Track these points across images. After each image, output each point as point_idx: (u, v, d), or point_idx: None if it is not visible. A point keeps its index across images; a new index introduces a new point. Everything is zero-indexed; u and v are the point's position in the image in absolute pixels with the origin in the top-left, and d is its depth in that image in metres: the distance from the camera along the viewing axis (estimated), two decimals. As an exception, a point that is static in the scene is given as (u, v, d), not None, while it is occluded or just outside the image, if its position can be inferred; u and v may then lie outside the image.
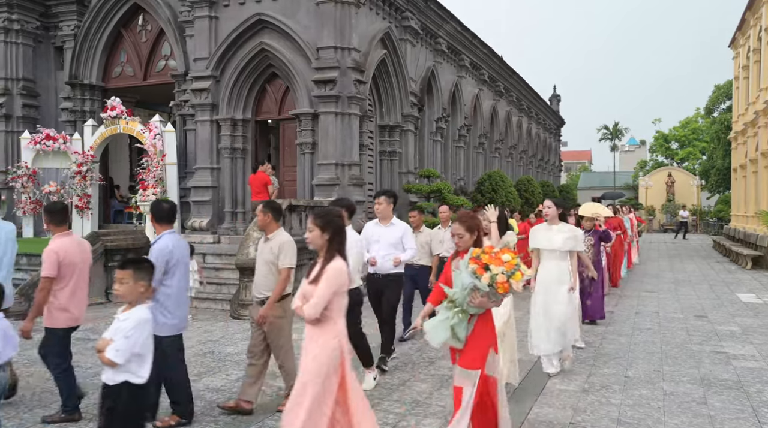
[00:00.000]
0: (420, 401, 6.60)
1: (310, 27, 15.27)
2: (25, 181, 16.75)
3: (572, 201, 35.59)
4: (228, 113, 16.11)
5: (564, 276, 7.51)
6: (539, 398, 6.74)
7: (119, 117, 16.27)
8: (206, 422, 5.98)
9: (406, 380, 7.43)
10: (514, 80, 32.45)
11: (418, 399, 6.66)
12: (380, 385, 7.16)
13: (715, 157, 42.23)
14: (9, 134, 18.66)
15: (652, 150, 67.92)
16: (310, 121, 15.37)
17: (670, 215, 53.04)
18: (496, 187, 21.86)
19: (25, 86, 18.78)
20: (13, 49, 18.62)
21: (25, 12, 18.57)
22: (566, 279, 7.50)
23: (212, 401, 6.59)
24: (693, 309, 12.80)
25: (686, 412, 6.33)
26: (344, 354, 4.35)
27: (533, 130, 38.32)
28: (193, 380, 6.45)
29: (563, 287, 7.48)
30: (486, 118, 27.81)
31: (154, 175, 15.44)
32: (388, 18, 17.61)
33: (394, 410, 6.34)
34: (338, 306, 4.36)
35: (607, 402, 6.61)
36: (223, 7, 16.09)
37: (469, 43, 24.63)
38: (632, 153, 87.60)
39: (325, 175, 15.09)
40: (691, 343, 9.54)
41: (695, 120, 62.42)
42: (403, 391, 6.98)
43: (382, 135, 18.12)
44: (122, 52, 18.48)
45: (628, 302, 13.61)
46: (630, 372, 7.84)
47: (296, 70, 15.36)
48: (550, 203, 7.66)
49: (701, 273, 19.46)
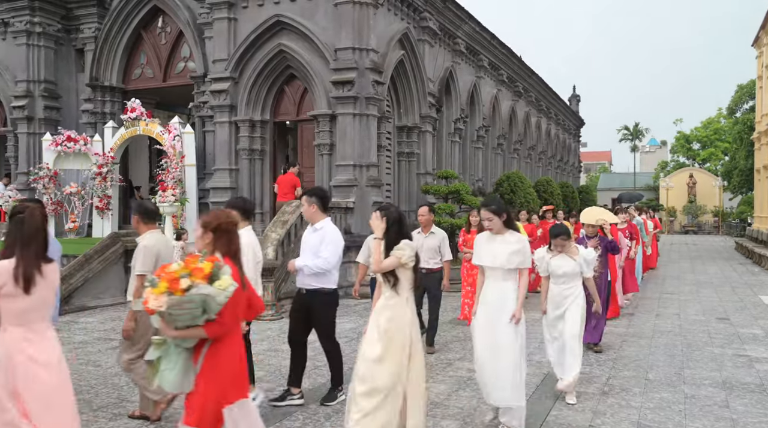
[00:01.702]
0: (438, 402, 6.56)
1: (328, 28, 15.29)
2: (47, 182, 16.90)
3: (592, 202, 35.30)
4: (246, 114, 16.18)
5: (509, 303, 5.77)
6: (558, 400, 6.68)
7: (139, 118, 16.37)
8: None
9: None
10: (533, 80, 32.29)
11: (435, 400, 6.62)
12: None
13: (738, 157, 41.73)
14: (31, 136, 18.88)
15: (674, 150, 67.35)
16: (328, 122, 15.38)
17: (691, 216, 52.53)
18: (515, 188, 21.73)
19: (46, 88, 18.98)
20: (35, 51, 18.84)
21: (46, 15, 18.77)
22: (511, 305, 5.75)
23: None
24: (715, 311, 12.64)
25: (708, 416, 6.24)
26: None
27: (552, 130, 38.11)
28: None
29: (505, 317, 5.72)
30: (505, 118, 27.69)
31: (173, 177, 15.50)
32: (406, 19, 17.58)
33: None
34: None
35: (627, 405, 6.53)
36: (241, 9, 16.17)
37: (487, 43, 24.54)
38: (653, 153, 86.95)
39: (343, 176, 15.09)
40: (713, 346, 9.42)
41: (717, 120, 61.79)
42: (421, 393, 6.94)
43: (400, 136, 18.09)
44: (142, 54, 18.63)
45: (648, 304, 13.47)
46: (650, 374, 7.75)
47: (314, 71, 15.38)
48: (489, 215, 5.82)
49: (723, 275, 19.22)
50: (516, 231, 6.02)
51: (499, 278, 5.85)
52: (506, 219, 5.90)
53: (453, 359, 8.44)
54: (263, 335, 9.96)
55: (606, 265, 9.32)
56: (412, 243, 5.21)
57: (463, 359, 8.45)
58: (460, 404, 6.53)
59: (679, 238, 42.62)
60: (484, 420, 5.99)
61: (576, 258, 6.93)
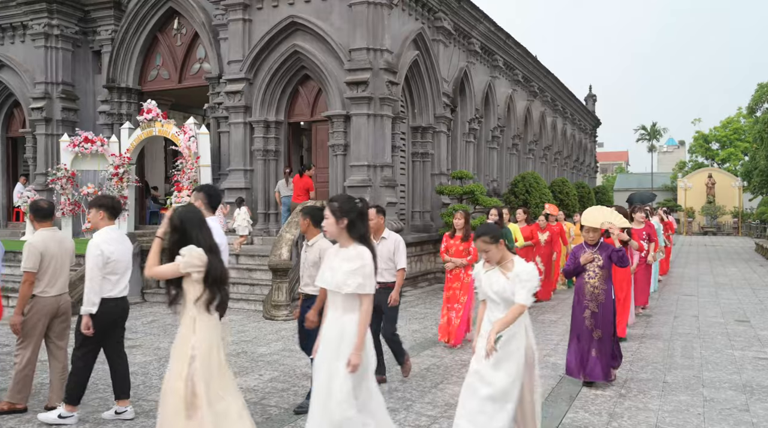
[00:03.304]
0: (453, 404, 6.50)
1: (342, 29, 15.28)
2: (64, 183, 17.05)
3: (608, 203, 35.05)
4: (261, 115, 16.21)
5: (347, 340, 4.36)
6: (574, 402, 6.61)
7: (155, 119, 16.47)
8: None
9: (439, 382, 7.35)
10: (548, 80, 32.13)
11: (450, 401, 6.57)
12: (413, 387, 7.09)
13: (758, 157, 41.17)
14: (49, 137, 19.06)
15: (692, 150, 66.84)
16: (343, 122, 15.37)
17: (710, 217, 52.05)
18: (530, 189, 21.61)
19: (64, 90, 19.15)
20: (53, 53, 19.01)
21: (64, 17, 18.94)
22: (348, 344, 4.34)
23: (246, 401, 6.57)
24: (734, 313, 12.48)
25: (727, 419, 6.14)
26: None
27: (568, 130, 37.90)
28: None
29: (341, 361, 4.32)
30: (520, 118, 27.56)
31: (189, 177, 15.57)
32: (420, 19, 17.54)
33: (427, 412, 6.27)
34: None
35: (644, 408, 6.45)
36: (256, 11, 16.20)
37: (503, 43, 24.44)
38: (671, 154, 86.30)
39: (357, 176, 15.07)
40: (733, 348, 9.29)
41: (737, 120, 61.20)
42: (436, 394, 6.91)
43: (414, 136, 18.04)
44: (158, 56, 18.73)
45: (666, 306, 13.33)
46: (668, 377, 7.65)
47: (329, 72, 15.38)
48: (327, 213, 4.53)
49: (743, 277, 19.00)
50: (359, 244, 4.48)
51: (339, 305, 4.45)
52: (349, 223, 4.47)
53: (467, 361, 8.37)
54: (278, 335, 9.97)
55: (609, 280, 7.25)
56: (199, 250, 4.38)
57: (478, 360, 8.39)
58: (474, 406, 6.46)
59: (697, 239, 42.24)
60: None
61: (508, 274, 4.82)
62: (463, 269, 9.23)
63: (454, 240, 9.28)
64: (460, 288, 9.27)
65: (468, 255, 9.11)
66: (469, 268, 9.03)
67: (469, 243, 9.06)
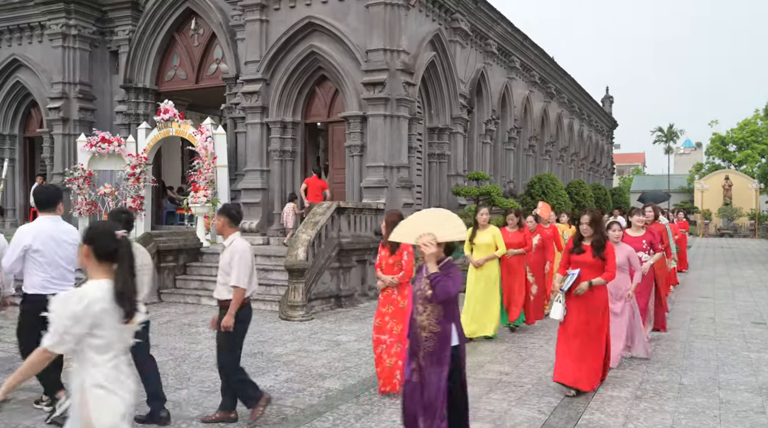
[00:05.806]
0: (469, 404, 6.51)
1: (359, 30, 15.32)
2: (81, 183, 17.19)
3: (625, 204, 34.89)
4: (278, 116, 16.28)
5: None
6: (590, 404, 6.60)
7: (172, 120, 16.58)
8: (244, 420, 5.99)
9: (454, 383, 7.34)
10: (565, 82, 32.02)
11: (465, 402, 6.57)
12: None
13: (775, 159, 40.93)
14: (66, 137, 19.23)
15: (709, 152, 66.20)
16: (359, 123, 15.41)
17: (726, 219, 51.62)
18: (547, 190, 21.57)
19: (81, 90, 19.31)
20: (70, 54, 19.18)
21: (82, 18, 19.11)
22: None
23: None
24: (751, 315, 12.39)
25: (744, 421, 6.11)
26: None
27: (585, 132, 37.74)
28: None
29: None
30: (536, 119, 27.49)
31: (205, 177, 15.67)
32: (437, 20, 17.55)
33: (441, 413, 6.27)
34: None
35: (660, 410, 6.43)
36: (273, 11, 16.27)
37: (519, 44, 24.39)
38: (687, 155, 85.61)
39: (374, 177, 15.10)
40: (749, 351, 9.23)
41: (754, 122, 60.60)
42: (451, 394, 6.90)
43: (430, 137, 18.05)
44: (175, 56, 18.86)
45: (682, 308, 13.24)
46: (684, 379, 7.61)
47: (345, 73, 15.43)
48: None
49: (759, 279, 18.84)
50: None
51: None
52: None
53: (484, 362, 8.38)
54: (294, 336, 10.01)
55: (447, 320, 4.56)
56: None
57: (494, 362, 8.39)
58: (490, 406, 6.47)
59: (713, 241, 41.90)
60: (515, 423, 5.93)
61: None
62: (395, 289, 6.81)
63: (384, 250, 6.89)
64: (392, 315, 6.80)
65: (400, 272, 6.74)
66: (404, 288, 6.75)
67: (400, 256, 6.73)
